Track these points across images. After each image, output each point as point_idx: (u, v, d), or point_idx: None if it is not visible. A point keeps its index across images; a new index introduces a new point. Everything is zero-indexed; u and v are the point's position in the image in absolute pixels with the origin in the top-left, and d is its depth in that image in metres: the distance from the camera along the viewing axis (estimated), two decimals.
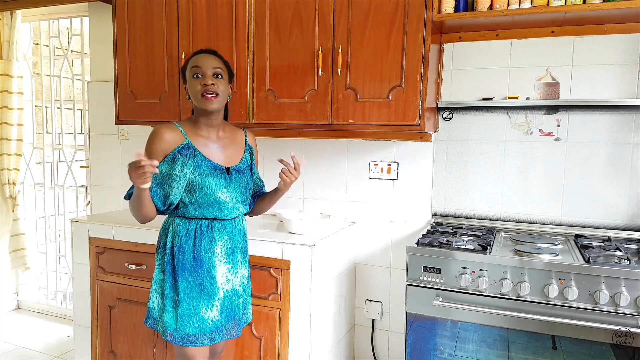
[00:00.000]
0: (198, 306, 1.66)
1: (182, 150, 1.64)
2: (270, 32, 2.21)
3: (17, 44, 3.27)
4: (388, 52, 2.02)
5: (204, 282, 1.68)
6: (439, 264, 1.84)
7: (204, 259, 1.68)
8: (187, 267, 1.66)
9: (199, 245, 1.67)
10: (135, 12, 2.49)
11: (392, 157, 2.43)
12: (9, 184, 3.36)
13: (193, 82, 1.64)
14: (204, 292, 1.67)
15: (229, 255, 1.73)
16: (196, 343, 1.65)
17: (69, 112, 3.83)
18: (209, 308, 1.67)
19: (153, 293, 1.74)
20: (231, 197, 1.71)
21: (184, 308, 1.65)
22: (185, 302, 1.65)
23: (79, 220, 2.43)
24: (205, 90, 1.61)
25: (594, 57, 2.08)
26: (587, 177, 2.13)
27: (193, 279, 1.67)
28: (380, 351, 2.55)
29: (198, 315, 1.66)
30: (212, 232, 1.69)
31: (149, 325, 1.75)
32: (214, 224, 1.70)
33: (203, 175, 1.64)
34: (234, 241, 1.75)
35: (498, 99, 2.22)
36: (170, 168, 1.63)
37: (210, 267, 1.69)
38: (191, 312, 1.65)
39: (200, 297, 1.67)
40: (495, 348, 1.81)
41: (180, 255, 1.66)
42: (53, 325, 3.39)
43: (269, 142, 2.64)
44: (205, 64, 1.64)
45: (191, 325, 1.65)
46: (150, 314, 1.74)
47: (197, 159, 1.64)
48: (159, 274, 1.73)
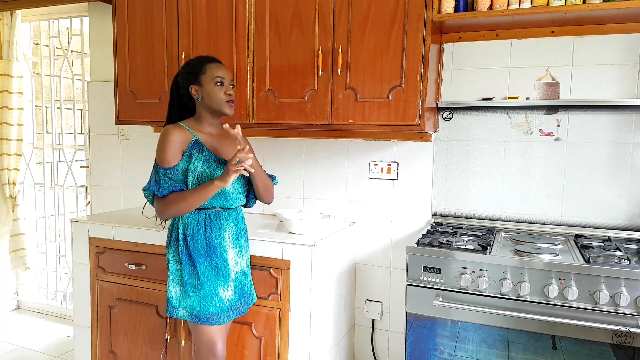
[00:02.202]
0: (217, 287, 1.81)
1: (194, 145, 1.80)
2: (270, 32, 2.21)
3: (17, 44, 3.28)
4: (388, 52, 2.02)
5: (219, 265, 1.82)
6: (439, 264, 1.84)
7: (215, 244, 1.82)
8: (202, 253, 1.80)
9: (210, 232, 1.82)
10: (135, 12, 2.49)
11: (392, 157, 2.43)
12: (9, 184, 3.37)
13: (216, 89, 1.80)
14: (219, 274, 1.82)
15: (235, 240, 1.88)
16: (219, 322, 1.80)
17: (69, 112, 3.84)
18: (225, 289, 1.83)
19: (170, 283, 1.85)
20: (234, 188, 1.85)
21: (206, 290, 1.79)
22: (207, 285, 1.79)
23: (79, 220, 2.43)
24: (230, 98, 1.83)
25: (594, 57, 2.08)
26: (587, 177, 2.13)
27: (209, 263, 1.81)
28: (380, 351, 2.55)
29: (218, 296, 1.80)
30: (221, 220, 1.84)
31: (169, 314, 1.85)
32: (221, 213, 1.85)
33: (212, 168, 1.79)
34: (238, 227, 1.90)
35: (498, 99, 2.22)
36: (188, 164, 1.78)
37: (222, 251, 1.83)
38: (212, 292, 1.80)
39: (217, 278, 1.81)
40: (495, 348, 1.81)
41: (194, 244, 1.80)
42: (53, 325, 3.39)
43: (269, 142, 2.64)
44: (225, 75, 1.84)
45: (214, 305, 1.79)
46: (170, 303, 1.84)
47: (205, 154, 1.80)
48: (174, 264, 1.84)
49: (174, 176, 1.76)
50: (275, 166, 2.62)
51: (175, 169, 1.76)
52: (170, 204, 1.76)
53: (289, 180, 2.63)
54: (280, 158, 2.64)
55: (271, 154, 2.63)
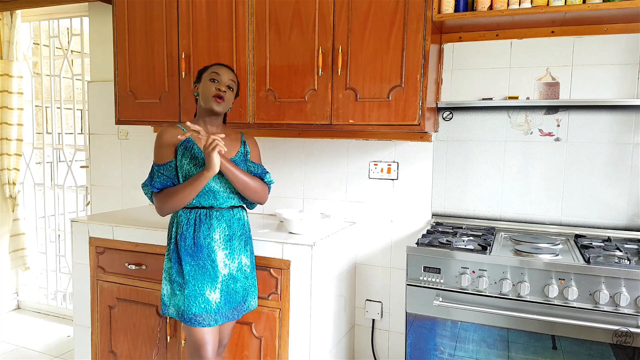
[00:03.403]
0: (203, 287, 1.79)
1: (183, 143, 1.82)
2: (270, 32, 2.21)
3: (17, 44, 3.27)
4: (388, 52, 2.02)
5: (206, 265, 1.81)
6: (439, 264, 1.84)
7: (203, 244, 1.81)
8: (189, 252, 1.81)
9: (199, 232, 1.82)
10: (135, 12, 2.48)
11: (392, 157, 2.43)
12: (9, 184, 3.36)
13: (209, 84, 1.81)
14: (206, 275, 1.80)
15: (227, 242, 1.86)
16: (203, 324, 1.77)
17: (69, 112, 3.84)
18: (212, 290, 1.80)
19: (163, 281, 1.87)
20: (225, 187, 1.84)
21: (190, 289, 1.78)
22: (191, 284, 1.78)
23: (79, 220, 2.43)
24: (217, 93, 1.80)
25: (594, 57, 2.08)
26: (587, 177, 2.13)
27: (195, 263, 1.80)
28: (380, 351, 2.55)
29: (203, 296, 1.78)
30: (211, 220, 1.83)
31: (162, 312, 1.87)
32: (212, 213, 1.84)
33: (198, 166, 1.79)
34: (232, 229, 1.87)
35: (498, 99, 2.22)
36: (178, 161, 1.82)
37: (210, 252, 1.82)
38: (197, 292, 1.78)
39: (204, 278, 1.80)
40: (495, 348, 1.81)
41: (182, 242, 1.81)
42: (53, 325, 3.39)
43: (269, 142, 2.64)
44: (224, 74, 1.83)
45: (197, 306, 1.77)
46: (162, 301, 1.87)
47: (194, 152, 1.80)
48: (167, 262, 1.87)
49: (167, 172, 1.81)
50: (275, 166, 2.62)
51: (168, 165, 1.81)
52: (163, 198, 1.80)
53: (289, 180, 2.63)
54: (280, 158, 2.64)
55: (271, 154, 2.63)
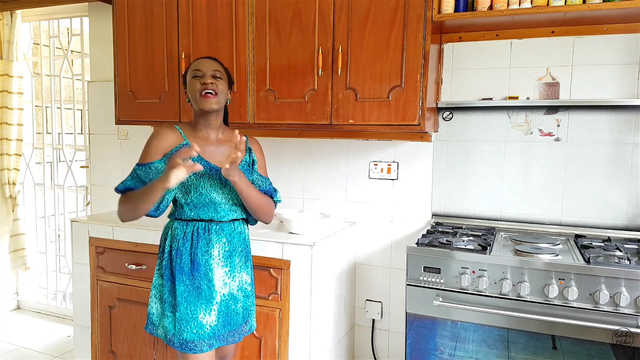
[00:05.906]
0: (196, 311, 1.64)
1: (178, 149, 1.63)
2: (270, 32, 2.21)
3: (17, 44, 3.27)
4: (388, 52, 2.02)
5: (202, 286, 1.66)
6: (439, 264, 1.84)
7: (200, 262, 1.66)
8: (185, 270, 1.65)
9: (196, 247, 1.66)
10: (135, 12, 2.48)
11: (392, 157, 2.43)
12: (9, 184, 3.36)
13: (193, 82, 1.64)
14: (201, 296, 1.65)
15: (227, 258, 1.71)
16: (195, 350, 1.62)
17: (69, 112, 3.83)
18: (207, 313, 1.65)
19: (152, 298, 1.73)
20: (227, 199, 1.70)
21: (181, 312, 1.63)
22: (183, 307, 1.63)
23: (79, 220, 2.43)
24: (204, 88, 1.61)
25: (594, 57, 2.08)
26: (587, 177, 2.13)
27: (190, 283, 1.65)
28: (380, 351, 2.55)
29: (196, 321, 1.64)
30: (209, 235, 1.67)
31: (148, 331, 1.74)
32: (211, 226, 1.68)
33: (198, 175, 1.64)
34: (232, 244, 1.72)
35: (498, 99, 2.22)
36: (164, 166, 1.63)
37: (207, 270, 1.67)
38: (189, 316, 1.63)
39: (198, 301, 1.65)
40: (495, 348, 1.81)
41: (178, 259, 1.65)
42: (53, 325, 3.39)
43: (269, 142, 2.64)
44: (204, 66, 1.65)
45: (189, 331, 1.62)
46: (150, 319, 1.73)
47: (193, 159, 1.59)
48: (157, 278, 1.72)
49: (143, 174, 1.62)
50: (275, 166, 2.62)
51: (147, 167, 1.62)
52: (121, 202, 1.64)
53: (289, 180, 2.63)
54: (280, 158, 2.64)
55: (271, 154, 2.63)
